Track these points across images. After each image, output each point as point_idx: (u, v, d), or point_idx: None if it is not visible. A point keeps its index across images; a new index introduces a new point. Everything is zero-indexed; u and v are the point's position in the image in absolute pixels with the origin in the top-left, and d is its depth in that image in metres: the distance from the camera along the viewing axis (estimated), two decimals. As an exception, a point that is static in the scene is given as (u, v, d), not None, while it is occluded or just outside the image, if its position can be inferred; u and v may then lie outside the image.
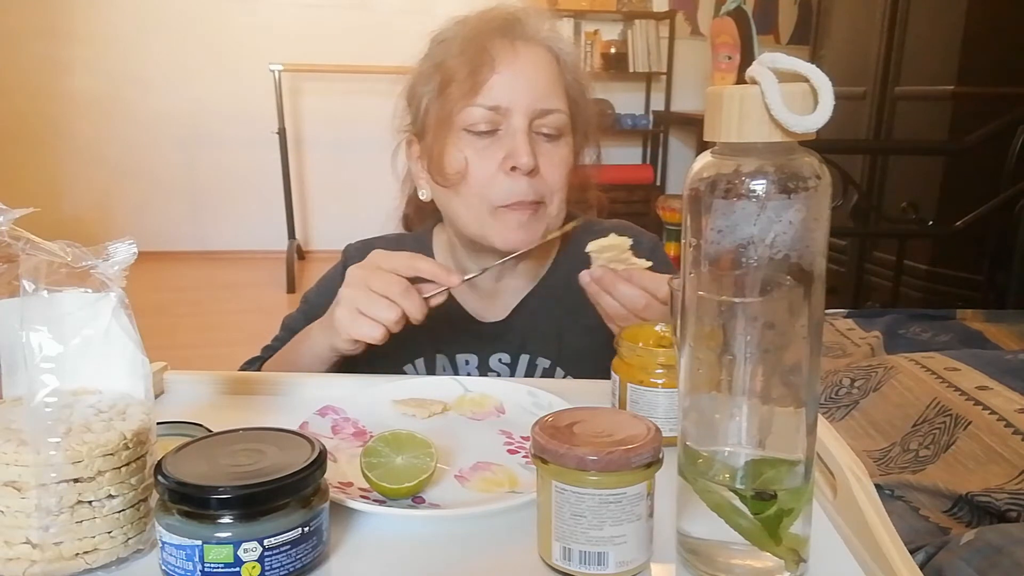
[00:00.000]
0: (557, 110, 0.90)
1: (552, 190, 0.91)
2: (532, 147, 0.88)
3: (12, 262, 0.51)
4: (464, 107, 0.88)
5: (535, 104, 0.89)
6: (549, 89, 0.90)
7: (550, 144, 0.91)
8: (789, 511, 0.48)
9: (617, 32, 5.00)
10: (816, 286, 0.46)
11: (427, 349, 0.99)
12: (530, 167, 0.87)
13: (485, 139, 0.89)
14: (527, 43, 0.91)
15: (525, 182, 0.88)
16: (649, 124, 5.15)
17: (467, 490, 0.63)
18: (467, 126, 0.89)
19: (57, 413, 0.50)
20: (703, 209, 0.46)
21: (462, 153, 0.90)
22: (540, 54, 0.91)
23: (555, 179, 0.91)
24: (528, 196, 0.89)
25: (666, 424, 0.63)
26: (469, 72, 0.88)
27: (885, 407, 1.39)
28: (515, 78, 0.89)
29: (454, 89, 0.89)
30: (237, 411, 0.78)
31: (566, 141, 0.93)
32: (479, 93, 0.88)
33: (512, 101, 0.88)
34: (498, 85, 0.88)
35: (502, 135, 0.89)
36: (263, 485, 0.47)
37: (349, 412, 0.75)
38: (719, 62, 4.06)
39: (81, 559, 0.49)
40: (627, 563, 0.49)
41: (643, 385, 0.68)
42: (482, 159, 0.89)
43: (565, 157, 0.92)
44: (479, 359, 0.99)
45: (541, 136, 0.90)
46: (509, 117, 0.88)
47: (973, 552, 0.89)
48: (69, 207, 4.59)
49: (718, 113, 0.45)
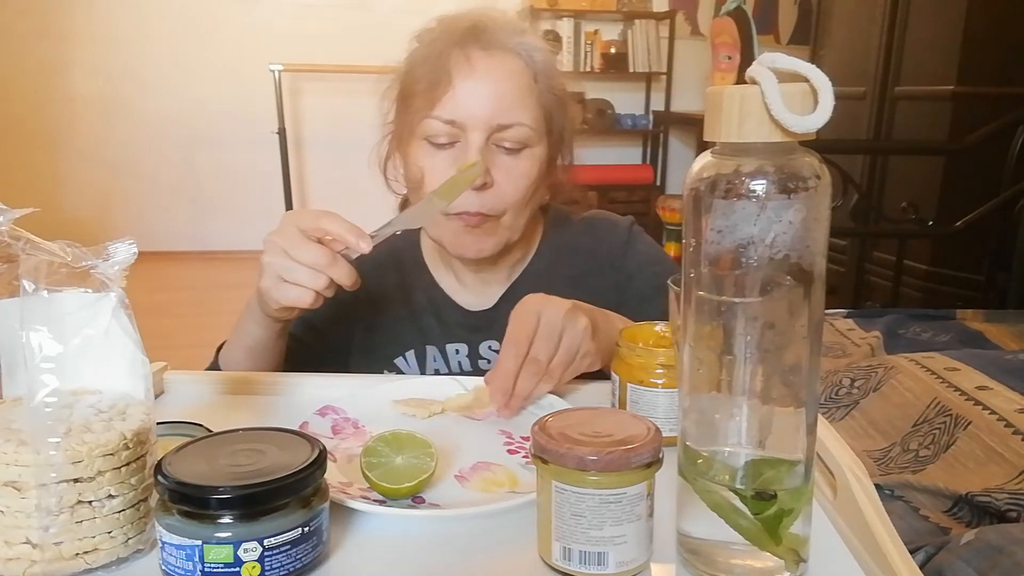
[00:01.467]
0: (519, 124, 0.88)
1: (507, 203, 0.90)
2: (484, 160, 0.87)
3: (12, 262, 0.51)
4: (423, 119, 0.89)
5: (494, 119, 0.87)
6: (513, 101, 0.88)
7: (510, 157, 0.90)
8: (789, 511, 0.48)
9: (617, 32, 5.00)
10: (816, 286, 0.46)
11: (416, 342, 1.00)
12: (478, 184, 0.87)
13: (444, 150, 0.89)
14: (492, 53, 0.89)
15: (474, 195, 0.88)
16: (649, 124, 5.15)
17: (467, 490, 0.63)
18: (427, 136, 0.89)
19: (57, 413, 0.50)
20: (703, 209, 0.46)
21: (419, 163, 0.90)
22: (507, 63, 0.89)
23: (512, 192, 0.90)
24: (474, 208, 0.89)
25: (666, 424, 0.63)
26: (428, 84, 0.88)
27: (885, 407, 1.39)
28: (474, 92, 0.87)
29: (414, 100, 0.89)
30: (237, 411, 0.78)
31: (530, 153, 0.91)
32: (436, 106, 0.87)
33: (469, 116, 0.87)
34: (455, 99, 0.87)
35: (459, 147, 0.89)
36: (263, 485, 0.47)
37: (349, 412, 0.75)
38: (719, 62, 4.06)
39: (81, 559, 0.49)
40: (627, 563, 0.49)
41: (643, 385, 0.68)
42: (437, 170, 0.89)
43: (526, 170, 0.90)
44: (469, 348, 1.00)
45: (501, 149, 0.89)
46: (466, 131, 0.88)
47: (973, 552, 0.89)
48: (69, 207, 4.60)
49: (718, 113, 0.45)
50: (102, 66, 4.56)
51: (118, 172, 4.72)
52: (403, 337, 1.00)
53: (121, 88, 4.60)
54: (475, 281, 1.02)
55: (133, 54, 4.58)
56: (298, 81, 4.72)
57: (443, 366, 1.00)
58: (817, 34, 3.60)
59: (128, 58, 4.58)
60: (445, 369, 1.00)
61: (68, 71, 4.54)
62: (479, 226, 0.91)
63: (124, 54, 4.57)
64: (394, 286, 1.03)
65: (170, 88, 4.63)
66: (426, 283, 1.03)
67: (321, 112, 4.80)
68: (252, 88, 4.50)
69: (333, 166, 4.86)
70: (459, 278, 1.02)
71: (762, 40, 4.45)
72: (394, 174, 1.00)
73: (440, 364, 1.00)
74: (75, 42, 4.52)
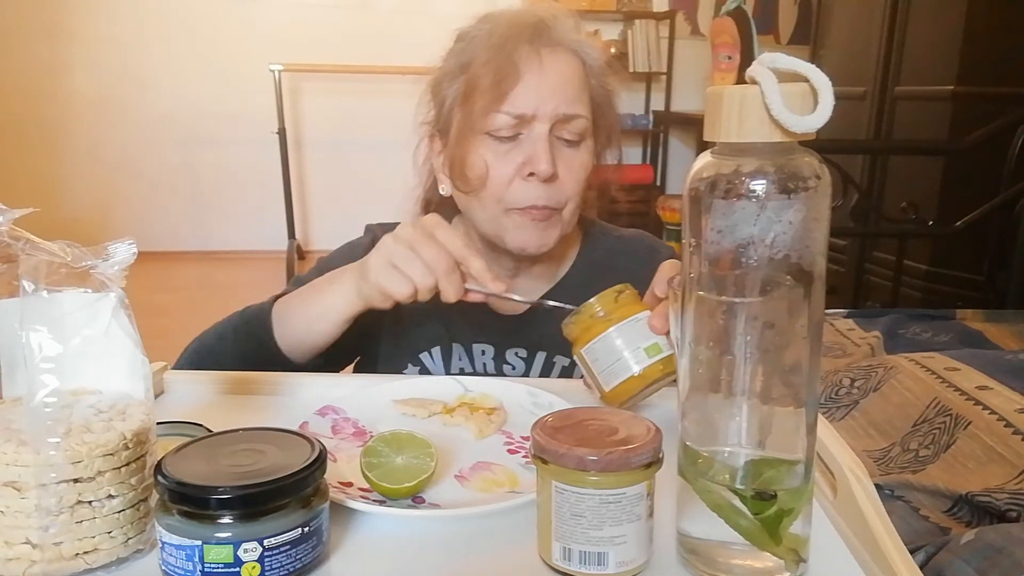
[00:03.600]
0: (579, 115, 0.90)
1: (568, 196, 0.92)
2: (552, 153, 0.89)
3: (12, 262, 0.51)
4: (488, 113, 0.89)
5: (558, 110, 0.88)
6: (574, 95, 0.90)
7: (570, 149, 0.91)
8: (789, 511, 0.48)
9: (617, 32, 5.00)
10: (816, 286, 0.46)
11: (443, 338, 0.99)
12: (548, 174, 0.88)
13: (506, 144, 0.90)
14: (554, 48, 0.90)
15: (542, 188, 0.89)
16: (649, 124, 5.15)
17: (467, 490, 0.63)
18: (490, 131, 0.89)
19: (57, 413, 0.49)
20: (703, 209, 0.45)
21: (483, 158, 0.90)
22: (567, 59, 0.91)
23: (572, 185, 0.91)
24: (543, 201, 0.90)
25: (633, 358, 0.67)
26: (494, 81, 0.88)
27: (885, 407, 1.39)
28: (540, 85, 0.88)
29: (479, 96, 0.89)
30: (237, 411, 0.78)
31: (586, 146, 0.93)
32: (504, 101, 0.88)
33: (536, 108, 0.88)
34: (523, 93, 0.88)
35: (523, 140, 0.89)
36: (263, 485, 0.47)
37: (349, 412, 0.74)
38: (719, 62, 4.06)
39: (81, 559, 0.49)
40: (627, 563, 0.49)
41: (590, 343, 0.69)
42: (502, 163, 0.90)
43: (584, 163, 0.92)
44: (495, 350, 0.99)
45: (562, 141, 0.91)
46: (532, 123, 0.89)
47: (973, 552, 0.89)
48: (69, 207, 4.59)
49: (718, 113, 0.45)
50: (102, 66, 4.56)
51: (118, 172, 4.72)
52: (430, 332, 1.00)
53: (121, 88, 4.60)
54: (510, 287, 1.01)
55: (133, 54, 4.58)
56: (298, 81, 4.72)
57: (468, 366, 1.00)
58: (817, 34, 3.60)
59: (128, 58, 4.58)
60: (470, 369, 1.00)
61: (68, 71, 4.54)
62: (546, 219, 0.91)
63: (124, 54, 4.57)
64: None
65: (170, 88, 4.63)
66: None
67: (321, 112, 4.80)
68: (252, 88, 4.50)
69: (333, 166, 4.86)
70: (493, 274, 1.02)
71: (762, 40, 4.44)
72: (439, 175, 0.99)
73: (465, 363, 1.00)
74: (75, 42, 4.52)
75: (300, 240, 4.71)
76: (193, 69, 4.63)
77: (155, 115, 4.65)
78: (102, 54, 4.55)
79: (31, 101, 4.55)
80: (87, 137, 4.65)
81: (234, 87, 4.64)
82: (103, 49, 4.55)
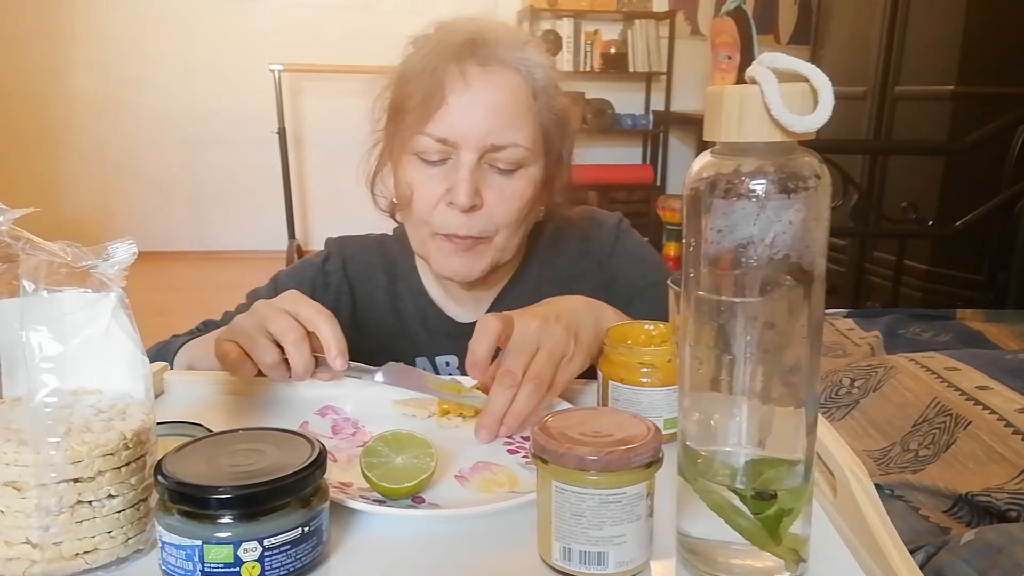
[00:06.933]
0: (514, 144, 0.85)
1: (499, 224, 0.88)
2: (477, 182, 0.85)
3: (12, 262, 0.51)
4: (414, 134, 0.85)
5: (487, 139, 0.83)
6: (509, 120, 0.84)
7: (503, 178, 0.86)
8: (789, 511, 0.48)
9: (617, 32, 4.99)
10: (816, 286, 0.46)
11: (407, 354, 0.98)
12: (467, 206, 0.84)
13: (434, 167, 0.86)
14: (489, 68, 0.84)
15: (463, 217, 0.86)
16: (649, 124, 5.15)
17: (467, 490, 0.63)
18: (417, 152, 0.86)
19: (57, 413, 0.50)
20: (703, 209, 0.45)
21: (408, 178, 0.88)
22: (506, 79, 0.85)
23: (504, 213, 0.87)
24: (463, 231, 0.86)
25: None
26: (421, 99, 0.84)
27: (885, 407, 1.39)
28: (467, 109, 0.83)
29: (407, 115, 0.86)
30: (237, 411, 0.78)
31: (525, 173, 0.87)
32: (428, 123, 0.84)
33: (461, 135, 0.83)
34: (446, 118, 0.83)
35: (450, 165, 0.86)
36: (263, 485, 0.47)
37: (349, 412, 0.75)
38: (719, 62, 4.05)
39: (81, 559, 0.49)
40: (627, 563, 0.49)
41: (623, 383, 0.68)
42: (428, 186, 0.86)
43: (519, 191, 0.87)
44: (459, 359, 0.98)
45: (494, 169, 0.86)
46: (458, 150, 0.84)
47: (973, 552, 0.89)
48: (69, 207, 4.59)
49: (718, 113, 0.45)
50: (102, 66, 4.55)
51: (118, 172, 4.72)
52: (393, 345, 0.98)
53: (121, 88, 4.60)
54: (463, 291, 0.99)
55: (133, 54, 4.58)
56: (298, 81, 4.72)
57: None
58: (817, 34, 3.60)
59: (128, 58, 4.57)
60: None
61: (68, 71, 4.54)
62: (470, 249, 0.88)
63: (124, 54, 4.57)
64: (383, 290, 1.01)
65: (170, 88, 4.62)
66: (414, 290, 1.01)
67: (321, 112, 4.80)
68: (252, 88, 4.50)
69: (333, 166, 4.85)
70: (446, 288, 1.00)
71: (762, 40, 4.44)
72: (381, 189, 0.97)
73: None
74: (75, 42, 4.52)
75: (300, 240, 4.71)
76: (193, 69, 4.62)
77: (155, 115, 4.65)
78: (102, 54, 4.55)
79: (31, 101, 4.55)
80: (87, 137, 4.64)
81: (234, 87, 4.64)
82: (103, 49, 4.55)
